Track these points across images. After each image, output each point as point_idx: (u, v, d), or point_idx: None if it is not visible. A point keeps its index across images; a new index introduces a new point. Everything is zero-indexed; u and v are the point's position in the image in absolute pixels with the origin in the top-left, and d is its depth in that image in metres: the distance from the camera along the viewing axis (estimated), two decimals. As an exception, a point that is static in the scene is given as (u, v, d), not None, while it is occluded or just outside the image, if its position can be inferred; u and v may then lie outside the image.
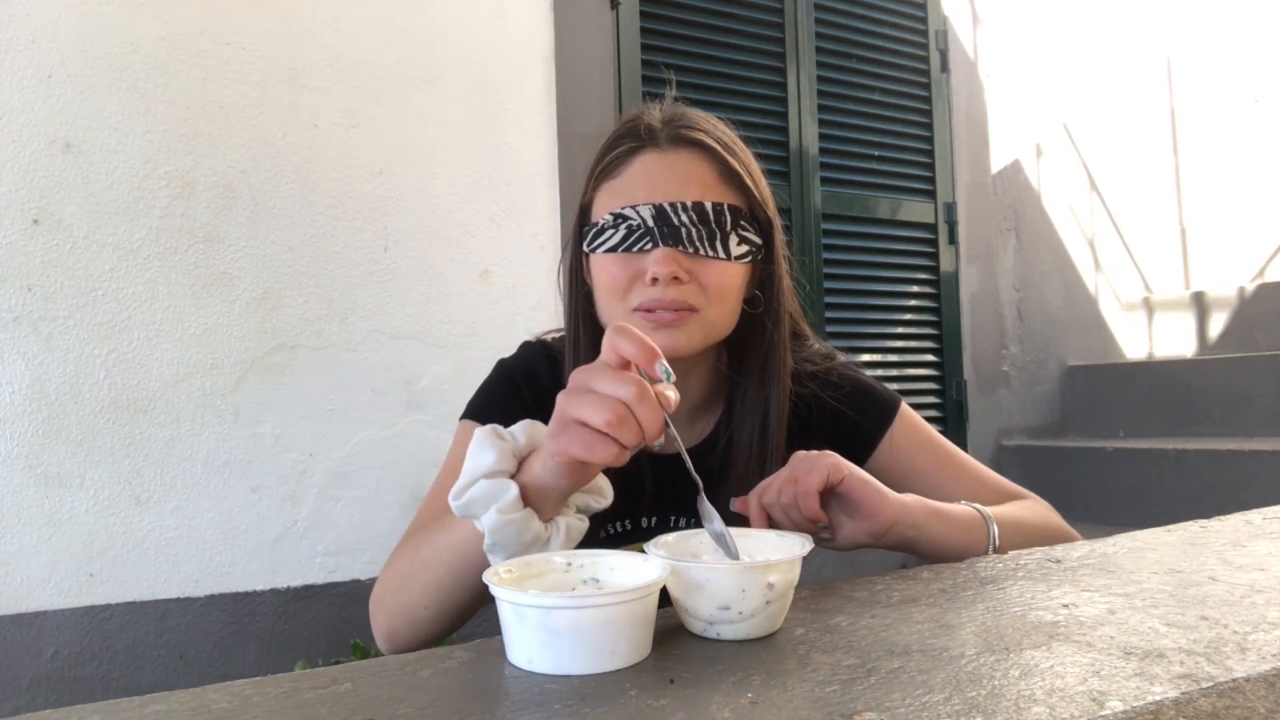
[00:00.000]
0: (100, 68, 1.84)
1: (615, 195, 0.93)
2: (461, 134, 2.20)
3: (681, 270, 0.89)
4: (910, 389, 3.05)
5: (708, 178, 0.92)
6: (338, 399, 2.03)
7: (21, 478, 1.75)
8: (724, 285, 0.91)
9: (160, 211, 1.88)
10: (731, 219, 0.91)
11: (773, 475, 0.84)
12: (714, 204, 0.91)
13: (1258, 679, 0.51)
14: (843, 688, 0.51)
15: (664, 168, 0.92)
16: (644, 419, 0.65)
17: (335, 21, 2.07)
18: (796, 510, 0.81)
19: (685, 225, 0.89)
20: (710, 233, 0.90)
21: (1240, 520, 1.02)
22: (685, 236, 0.89)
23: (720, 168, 0.93)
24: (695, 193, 0.91)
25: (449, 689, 0.55)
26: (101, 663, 1.79)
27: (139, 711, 0.53)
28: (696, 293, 0.90)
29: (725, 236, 0.91)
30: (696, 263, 0.90)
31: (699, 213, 0.90)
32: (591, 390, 0.67)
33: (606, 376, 0.66)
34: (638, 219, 0.90)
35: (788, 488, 0.81)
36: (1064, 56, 3.58)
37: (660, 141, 0.93)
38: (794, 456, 0.84)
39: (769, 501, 0.82)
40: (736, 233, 0.92)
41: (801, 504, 0.80)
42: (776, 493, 0.82)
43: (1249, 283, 3.44)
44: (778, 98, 2.80)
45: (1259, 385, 2.81)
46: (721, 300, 0.91)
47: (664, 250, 0.89)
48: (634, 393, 0.65)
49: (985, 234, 3.26)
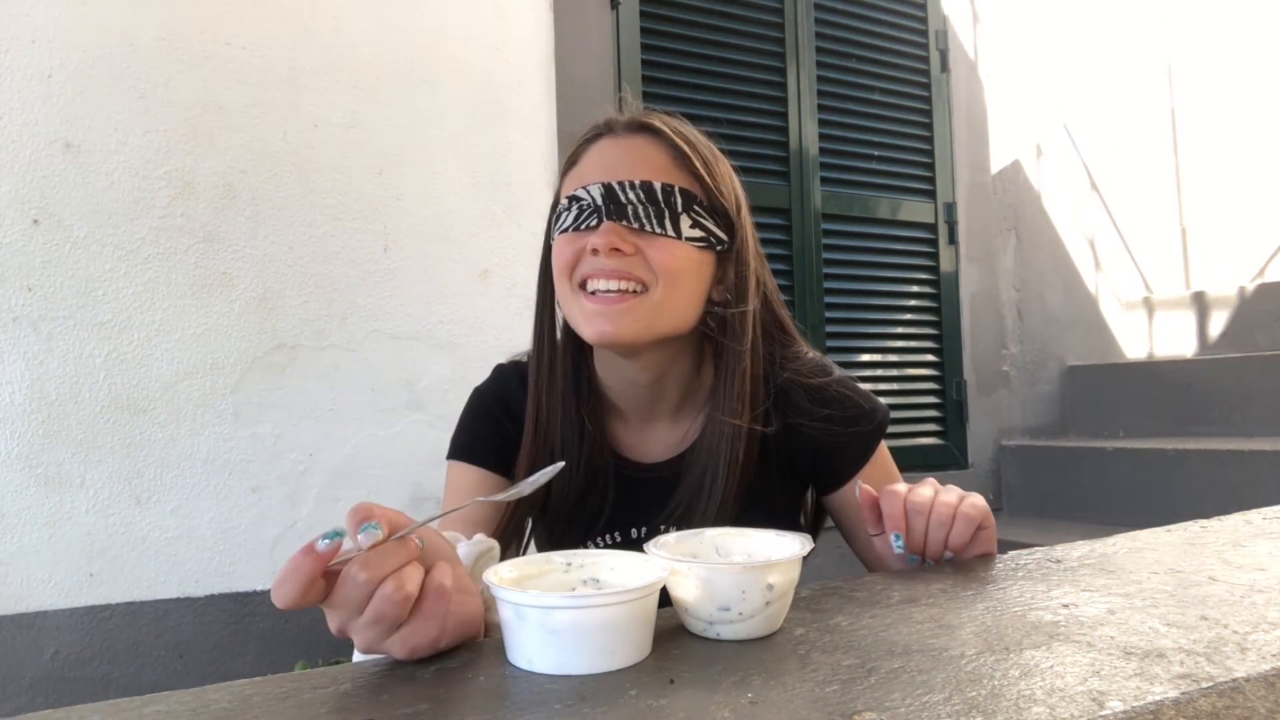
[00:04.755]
0: (100, 68, 1.84)
1: (572, 181, 0.94)
2: (462, 134, 2.20)
3: (625, 243, 0.88)
4: (910, 389, 3.05)
5: (660, 161, 0.92)
6: (338, 399, 2.03)
7: (21, 478, 1.75)
8: (672, 264, 0.89)
9: (160, 211, 1.88)
10: (683, 201, 0.90)
11: (930, 488, 0.84)
12: (664, 184, 0.90)
13: (1258, 679, 0.51)
14: (843, 688, 0.51)
15: (617, 151, 0.93)
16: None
17: (335, 21, 2.07)
18: (939, 544, 0.82)
19: (632, 203, 0.90)
20: (659, 211, 0.89)
21: (1240, 520, 1.02)
22: (632, 213, 0.90)
23: (674, 153, 0.92)
24: (645, 173, 0.91)
25: (449, 689, 0.55)
26: (101, 663, 1.79)
27: (139, 711, 0.53)
28: (643, 267, 0.89)
29: (675, 216, 0.90)
30: (643, 239, 0.89)
31: (647, 191, 0.90)
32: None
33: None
34: (588, 198, 0.91)
35: (938, 533, 0.81)
36: (1064, 56, 3.58)
37: (617, 129, 0.95)
38: (968, 500, 0.83)
39: (913, 509, 0.82)
40: (690, 215, 0.91)
41: (951, 540, 0.81)
42: (929, 508, 0.82)
43: (1249, 283, 3.44)
44: (778, 98, 2.80)
45: (1259, 385, 2.81)
46: (672, 281, 0.89)
47: (608, 224, 0.89)
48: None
49: (985, 234, 3.26)
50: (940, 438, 3.09)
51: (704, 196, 0.92)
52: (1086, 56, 3.66)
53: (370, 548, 0.56)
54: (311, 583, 0.56)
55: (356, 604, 0.56)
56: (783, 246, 2.80)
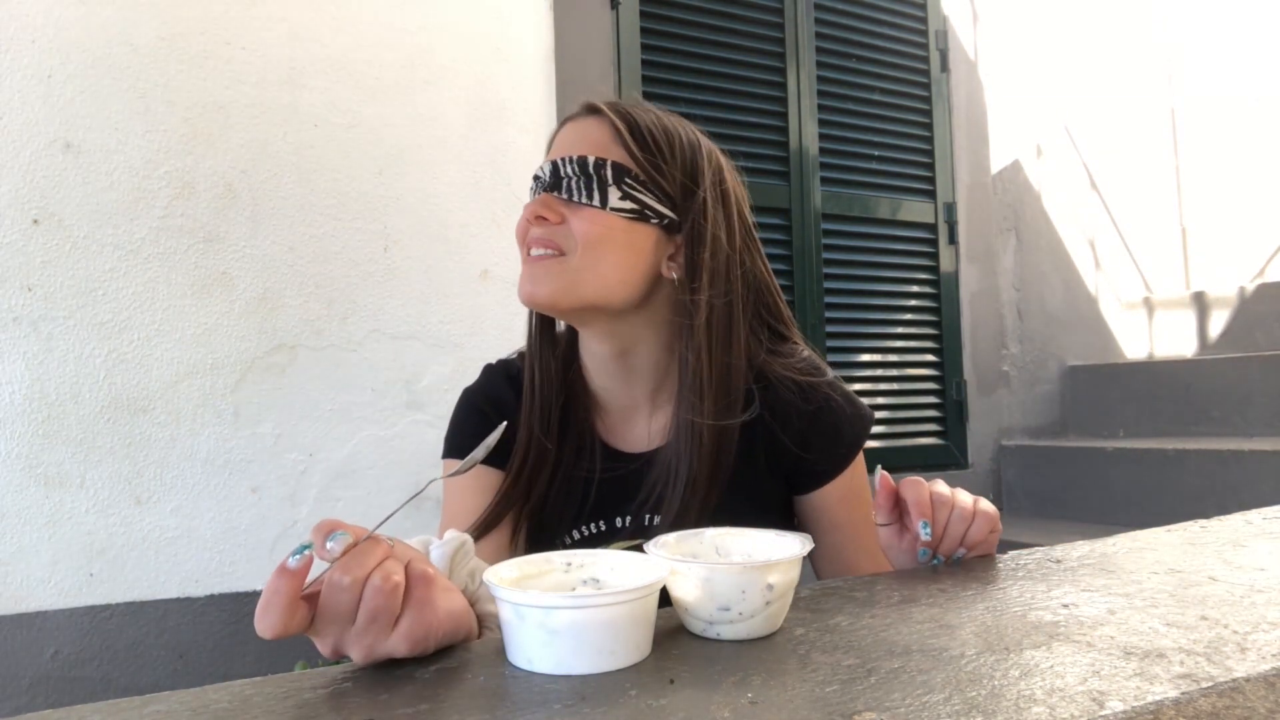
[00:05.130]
0: (100, 68, 1.84)
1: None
2: (461, 134, 2.20)
3: (551, 212, 0.94)
4: (910, 389, 3.05)
5: (601, 139, 0.96)
6: (338, 399, 2.03)
7: (21, 478, 1.75)
8: (592, 232, 0.93)
9: (160, 211, 1.88)
10: (614, 174, 0.94)
11: (949, 490, 0.84)
12: (597, 159, 0.94)
13: (1258, 679, 0.51)
14: (843, 688, 0.51)
15: (569, 133, 0.99)
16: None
17: (335, 21, 2.07)
18: (958, 538, 0.83)
19: (568, 175, 0.95)
20: (588, 182, 0.94)
21: (1240, 520, 1.02)
22: (565, 185, 0.95)
23: (614, 131, 0.96)
24: (583, 149, 0.95)
25: (449, 689, 0.55)
26: (101, 663, 1.79)
27: (139, 711, 0.53)
28: (564, 236, 0.94)
29: (604, 187, 0.94)
30: (570, 208, 0.94)
31: (580, 164, 0.94)
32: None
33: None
34: (542, 175, 0.98)
35: (959, 526, 0.82)
36: (1064, 56, 3.58)
37: (575, 114, 1.01)
38: (982, 506, 0.84)
39: (938, 501, 0.82)
40: (620, 187, 0.94)
41: (970, 535, 0.82)
42: (951, 502, 0.82)
43: (1249, 283, 3.44)
44: (778, 98, 2.80)
45: (1259, 385, 2.81)
46: (591, 249, 0.93)
47: (540, 195, 0.96)
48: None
49: (985, 234, 3.26)
50: (940, 438, 3.09)
51: (639, 170, 0.95)
52: (1086, 56, 3.66)
53: (344, 552, 0.56)
54: (294, 604, 0.55)
55: (347, 610, 0.56)
56: (783, 246, 2.80)
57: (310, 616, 0.57)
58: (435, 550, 0.70)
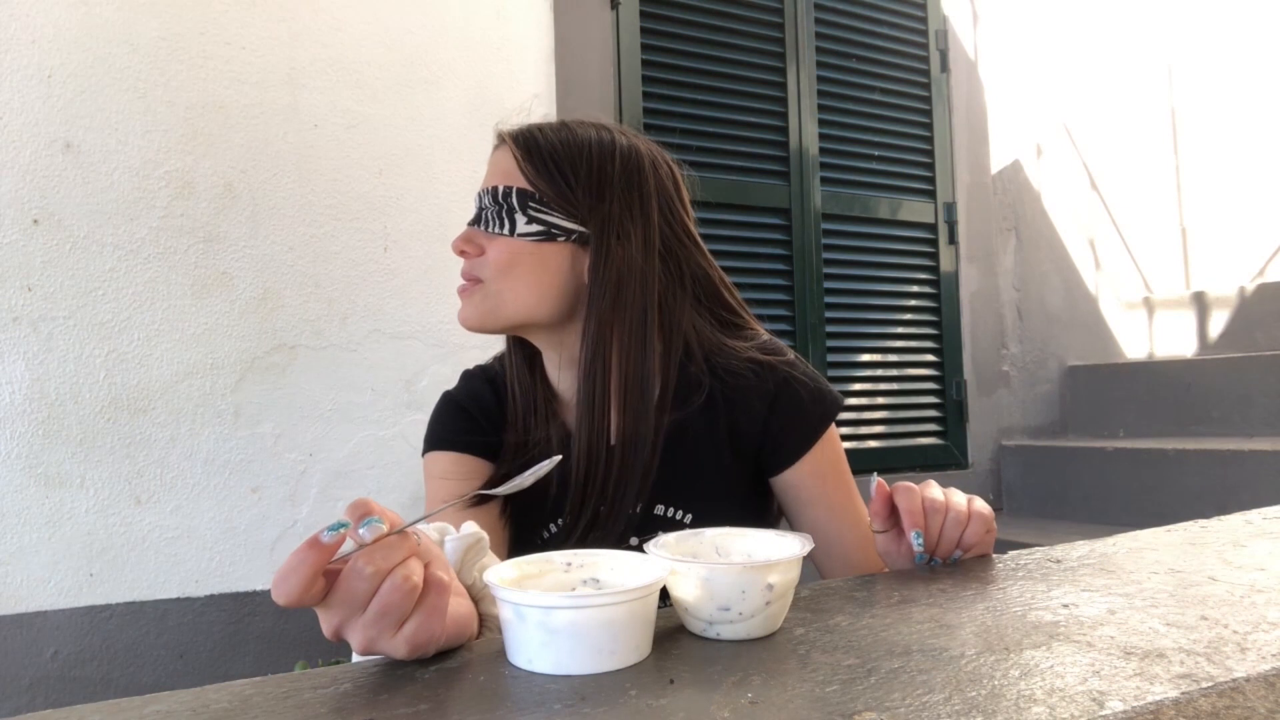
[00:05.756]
0: (100, 68, 1.84)
1: None
2: (461, 134, 2.20)
3: (472, 246, 1.01)
4: (910, 389, 3.05)
5: (509, 167, 1.01)
6: (338, 399, 2.03)
7: (21, 478, 1.75)
8: (501, 259, 0.99)
9: (160, 211, 1.88)
10: (519, 200, 0.99)
11: (937, 488, 0.85)
12: (504, 187, 1.00)
13: (1258, 679, 0.51)
14: (843, 688, 0.51)
15: (489, 164, 1.05)
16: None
17: (335, 22, 2.07)
18: (953, 542, 0.83)
19: (485, 207, 1.01)
20: (498, 210, 1.00)
21: (1240, 520, 1.02)
22: (482, 217, 1.01)
23: (515, 159, 1.01)
24: (495, 180, 1.01)
25: (449, 689, 0.55)
26: (101, 663, 1.79)
27: (139, 711, 0.53)
28: (481, 265, 1.01)
29: (511, 214, 0.99)
30: (487, 239, 1.01)
31: (492, 195, 1.00)
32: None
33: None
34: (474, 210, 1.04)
35: (954, 530, 0.83)
36: (1064, 56, 3.58)
37: (496, 145, 1.06)
38: (976, 507, 0.85)
39: (931, 508, 0.83)
40: (526, 213, 0.99)
41: (966, 538, 0.83)
42: (945, 507, 0.83)
43: (1249, 282, 3.44)
44: (778, 98, 2.80)
45: (1259, 385, 2.81)
46: (504, 273, 0.99)
47: (466, 230, 1.03)
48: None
49: (985, 234, 3.26)
50: (940, 438, 3.09)
51: (540, 194, 0.99)
52: (1086, 56, 3.66)
53: (373, 541, 0.56)
54: (315, 578, 0.55)
55: (360, 598, 0.56)
56: (783, 246, 2.80)
57: (325, 592, 0.57)
58: (450, 542, 0.70)
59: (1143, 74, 3.90)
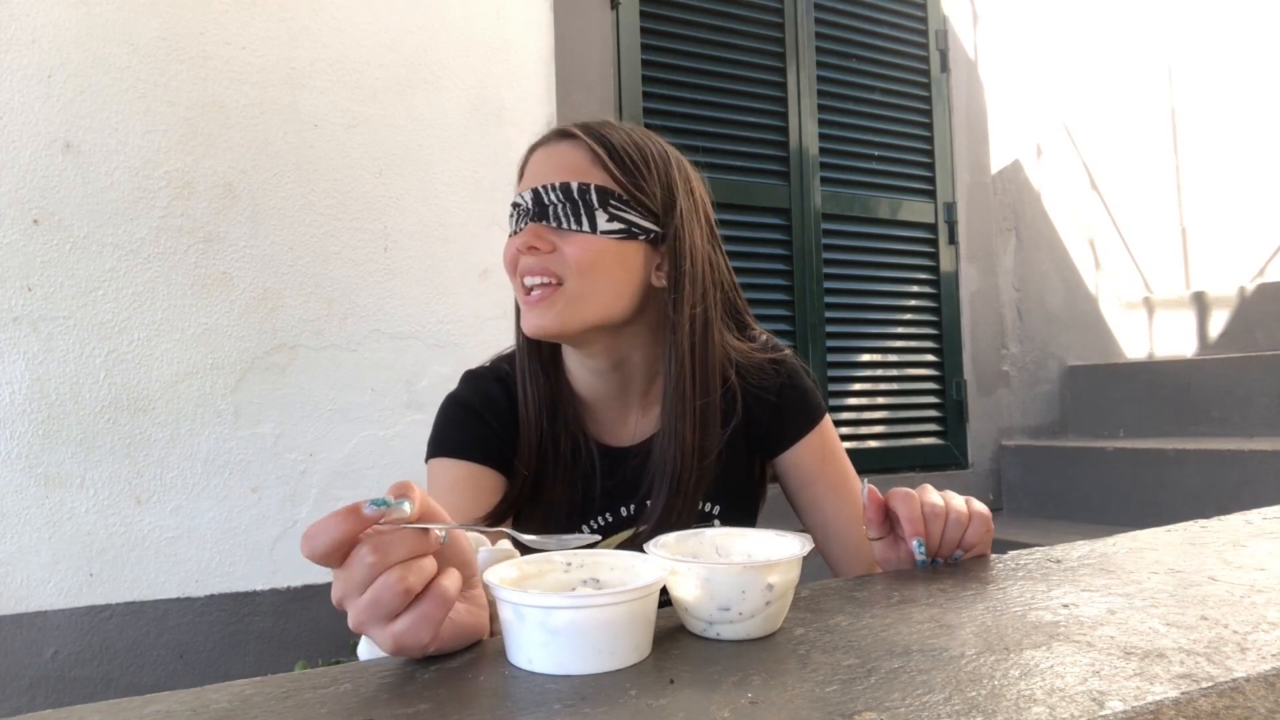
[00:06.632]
0: (100, 68, 1.84)
1: (517, 191, 1.03)
2: (461, 134, 2.20)
3: (543, 242, 0.96)
4: (910, 389, 3.05)
5: (580, 163, 0.98)
6: (338, 399, 2.03)
7: (21, 478, 1.75)
8: (586, 257, 0.95)
9: (160, 211, 1.88)
10: (599, 197, 0.96)
11: (941, 499, 0.85)
12: (580, 184, 0.96)
13: (1258, 679, 0.51)
14: (843, 688, 0.51)
15: (544, 159, 1.01)
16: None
17: (335, 22, 2.07)
18: (955, 544, 0.84)
19: (553, 203, 0.96)
20: (575, 208, 0.96)
21: (1240, 520, 1.02)
22: (552, 213, 0.96)
23: (591, 155, 0.99)
24: (565, 175, 0.97)
25: (449, 689, 0.55)
26: (101, 663, 1.79)
27: (139, 711, 0.53)
28: (559, 263, 0.96)
29: (591, 211, 0.96)
30: (561, 236, 0.96)
31: (564, 191, 0.96)
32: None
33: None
34: (522, 203, 0.99)
35: (955, 532, 0.83)
36: (1064, 56, 3.57)
37: (547, 140, 1.03)
38: (975, 507, 0.85)
39: (930, 513, 0.83)
40: (607, 210, 0.96)
41: (967, 538, 0.84)
42: (942, 520, 0.83)
43: (1249, 282, 3.44)
44: (778, 98, 2.80)
45: (1259, 385, 2.81)
46: (586, 273, 0.95)
47: (530, 225, 0.97)
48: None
49: (985, 234, 3.26)
50: (940, 438, 3.09)
51: (623, 191, 0.98)
52: (1086, 56, 3.66)
53: (388, 522, 0.56)
54: (342, 545, 0.55)
55: (359, 581, 0.56)
56: (783, 246, 2.80)
57: (344, 559, 0.57)
58: (483, 554, 0.70)
59: (1143, 74, 3.90)
